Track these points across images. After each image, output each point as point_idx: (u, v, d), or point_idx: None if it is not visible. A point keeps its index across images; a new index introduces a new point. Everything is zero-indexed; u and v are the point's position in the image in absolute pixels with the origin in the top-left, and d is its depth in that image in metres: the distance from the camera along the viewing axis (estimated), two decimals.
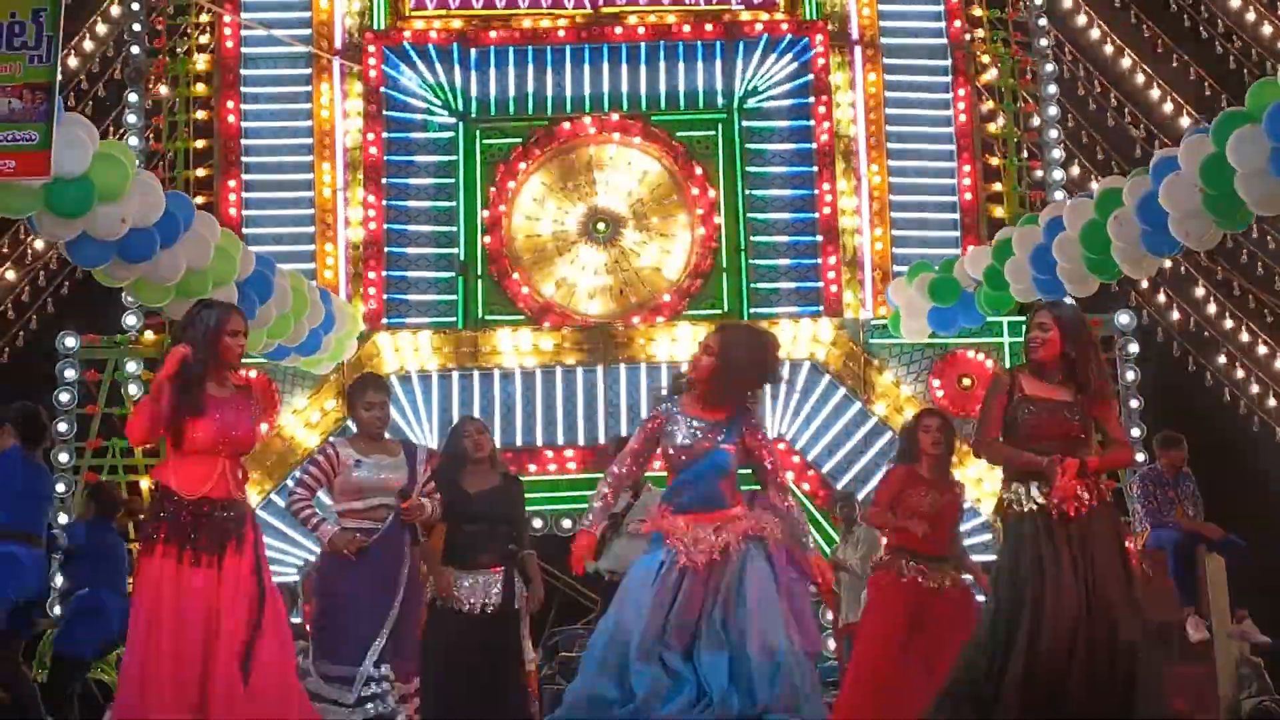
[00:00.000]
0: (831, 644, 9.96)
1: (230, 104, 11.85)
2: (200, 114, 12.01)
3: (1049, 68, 12.47)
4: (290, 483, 6.35)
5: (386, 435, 6.40)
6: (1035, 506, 5.31)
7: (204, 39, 12.11)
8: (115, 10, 12.43)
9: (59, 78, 5.76)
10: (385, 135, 11.81)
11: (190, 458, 5.37)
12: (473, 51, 11.88)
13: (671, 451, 5.24)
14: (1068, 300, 9.56)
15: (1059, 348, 5.43)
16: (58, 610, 9.01)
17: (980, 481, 11.05)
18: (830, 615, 9.99)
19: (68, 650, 8.04)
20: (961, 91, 12.10)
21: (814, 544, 5.44)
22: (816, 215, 11.75)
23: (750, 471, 5.34)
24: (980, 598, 6.81)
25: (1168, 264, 12.78)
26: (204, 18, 12.08)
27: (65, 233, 7.35)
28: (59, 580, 9.00)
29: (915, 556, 6.68)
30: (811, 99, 11.90)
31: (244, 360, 5.77)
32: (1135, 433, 11.28)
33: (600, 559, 7.77)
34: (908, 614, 6.64)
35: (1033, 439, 5.32)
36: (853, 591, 8.89)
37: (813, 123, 11.88)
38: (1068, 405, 5.37)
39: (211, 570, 5.33)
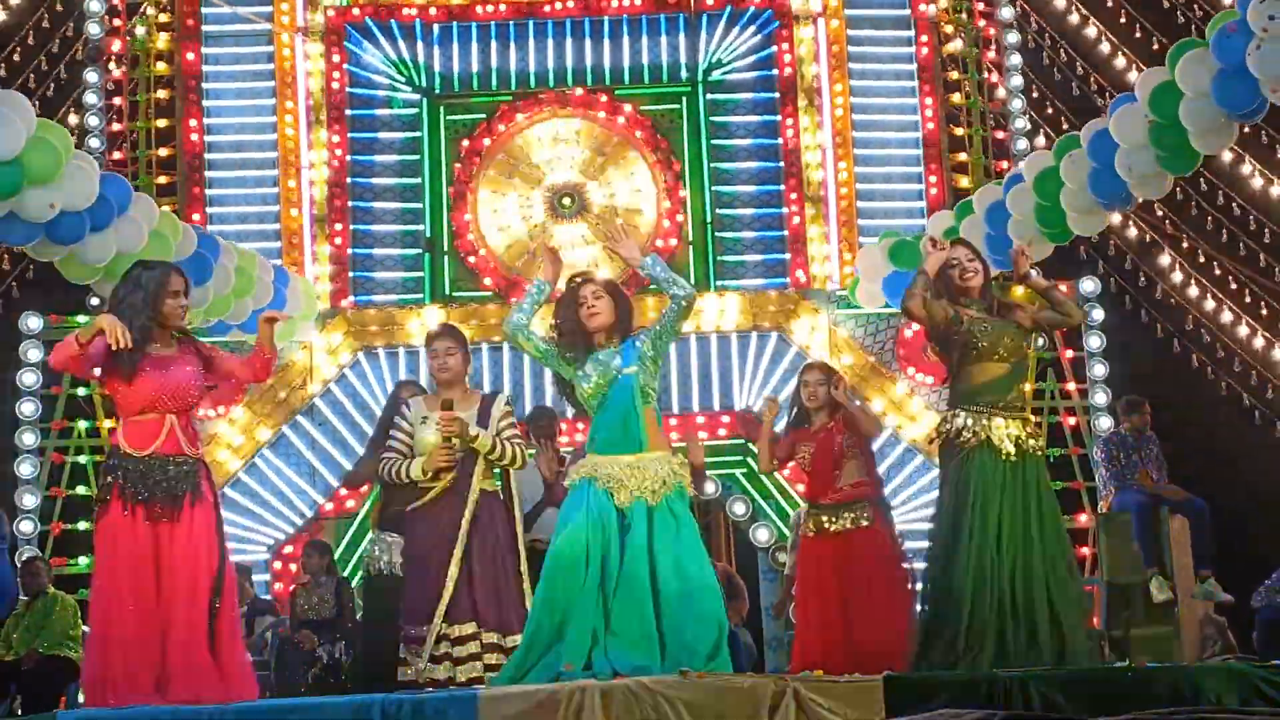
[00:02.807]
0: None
1: (191, 82, 11.76)
2: (161, 94, 11.93)
3: (1011, 38, 12.48)
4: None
5: (471, 387, 6.37)
6: (977, 441, 5.41)
7: (163, 17, 12.03)
8: None
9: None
10: (349, 112, 11.76)
11: (136, 417, 5.40)
12: (435, 27, 11.84)
13: None
14: None
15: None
16: None
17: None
18: None
19: None
20: (925, 51, 12.03)
21: None
22: (781, 187, 11.75)
23: None
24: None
25: (1133, 232, 12.85)
26: None
27: None
28: None
29: (817, 507, 6.84)
30: (775, 71, 11.89)
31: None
32: (1100, 398, 11.33)
33: None
34: (820, 567, 6.78)
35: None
36: None
37: (777, 94, 11.87)
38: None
39: (167, 524, 5.35)
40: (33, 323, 11.21)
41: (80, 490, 11.11)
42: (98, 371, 5.67)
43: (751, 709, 4.72)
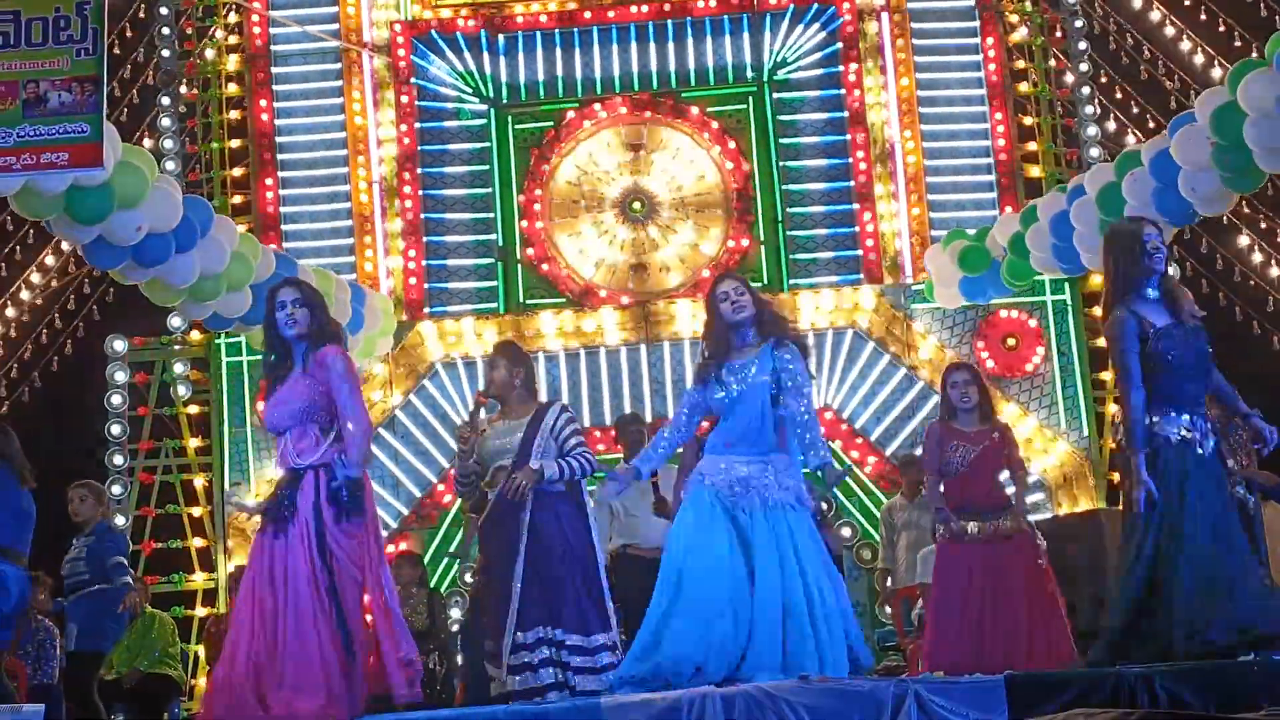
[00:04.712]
0: (889, 609, 9.95)
1: (263, 103, 11.91)
2: (234, 114, 12.09)
3: (1078, 24, 12.38)
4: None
5: (539, 398, 6.48)
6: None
7: (233, 39, 12.19)
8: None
9: (105, 69, 5.82)
10: (418, 125, 11.85)
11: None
12: (500, 37, 11.91)
13: None
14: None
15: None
16: None
17: (1030, 442, 11.01)
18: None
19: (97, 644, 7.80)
20: (992, 53, 12.02)
21: None
22: (852, 183, 11.72)
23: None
24: (1041, 542, 6.89)
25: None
26: (232, 17, 12.16)
27: (82, 237, 7.46)
28: None
29: (963, 513, 6.76)
30: (841, 67, 11.86)
31: None
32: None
33: None
34: (970, 574, 6.71)
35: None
36: (913, 554, 8.88)
37: (843, 91, 11.84)
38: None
39: (278, 540, 5.44)
40: (118, 345, 11.39)
41: (170, 509, 11.28)
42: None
43: (874, 711, 4.72)
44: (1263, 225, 12.43)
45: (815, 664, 5.31)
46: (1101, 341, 6.86)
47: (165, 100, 12.01)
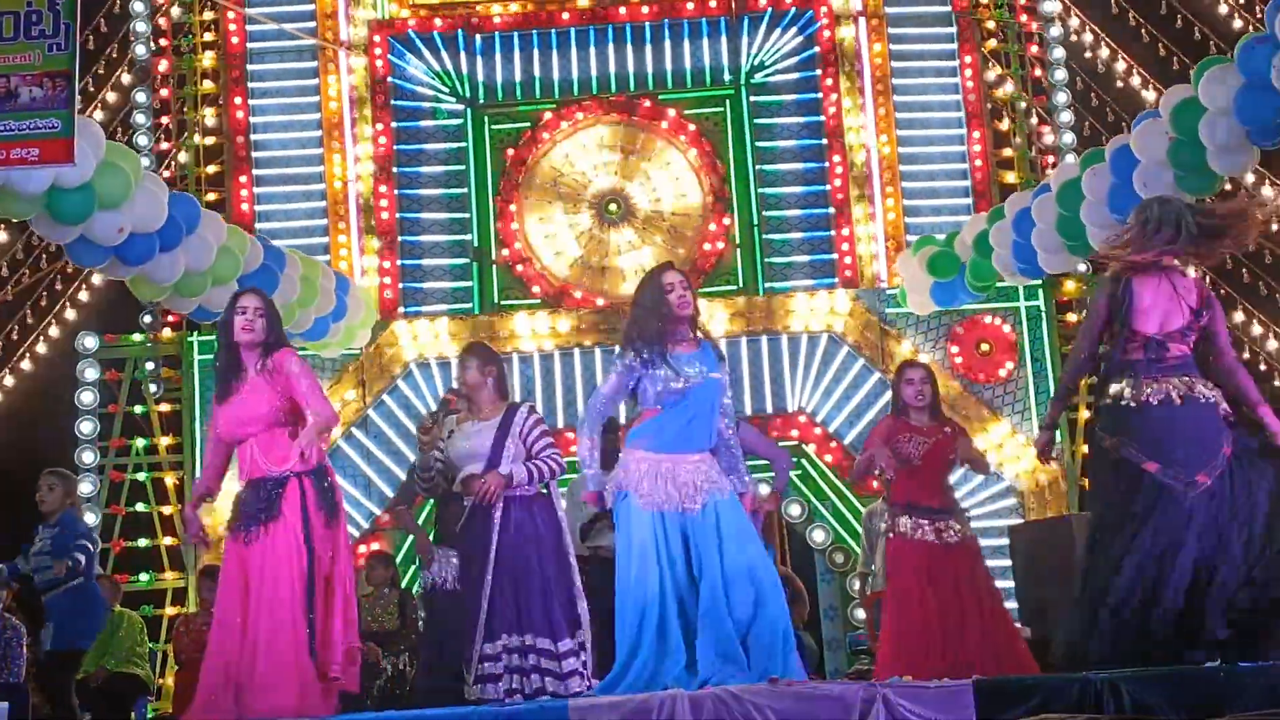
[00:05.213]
0: (860, 614, 9.97)
1: (238, 100, 11.86)
2: (209, 111, 12.04)
3: (1054, 31, 12.44)
4: None
5: (508, 399, 6.39)
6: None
7: (208, 36, 12.14)
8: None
9: (78, 65, 5.78)
10: (394, 125, 11.83)
11: (236, 446, 5.54)
12: (478, 37, 11.89)
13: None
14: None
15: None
16: None
17: (1001, 447, 11.05)
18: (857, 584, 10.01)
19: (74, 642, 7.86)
20: (968, 59, 12.06)
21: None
22: (828, 188, 11.74)
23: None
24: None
25: None
26: (208, 15, 12.11)
27: (62, 236, 7.40)
28: None
29: (915, 509, 6.74)
30: (818, 71, 11.89)
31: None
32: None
33: None
34: (920, 573, 6.71)
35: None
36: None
37: (820, 95, 11.86)
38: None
39: (254, 547, 5.43)
40: (89, 342, 11.33)
41: (140, 507, 11.22)
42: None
43: (842, 715, 4.72)
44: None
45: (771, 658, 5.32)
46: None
47: (140, 97, 11.94)
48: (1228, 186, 11.62)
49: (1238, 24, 12.68)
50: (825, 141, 11.76)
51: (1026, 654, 6.63)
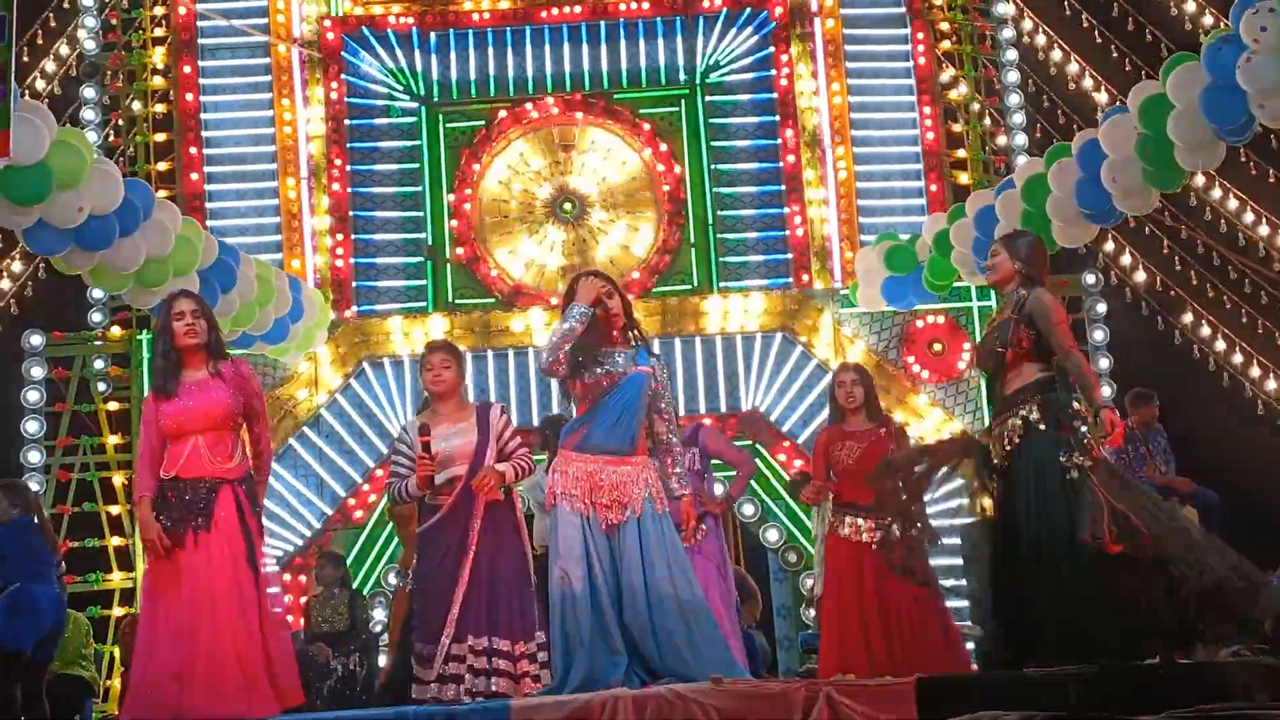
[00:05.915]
0: (812, 612, 9.99)
1: (189, 96, 11.75)
2: (159, 107, 11.92)
3: (1007, 33, 12.49)
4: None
5: (469, 399, 6.34)
6: None
7: (159, 31, 12.01)
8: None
9: (13, 58, 5.69)
10: (348, 122, 11.75)
11: (170, 441, 5.49)
12: (432, 35, 11.83)
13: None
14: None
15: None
16: None
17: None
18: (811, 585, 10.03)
19: (9, 642, 7.83)
20: (922, 60, 12.09)
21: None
22: (783, 188, 11.75)
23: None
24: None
25: (1131, 223, 12.85)
26: (158, 10, 11.98)
27: (22, 220, 7.30)
28: None
29: (853, 510, 6.80)
30: (773, 71, 11.89)
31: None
32: (1106, 391, 11.32)
33: None
34: (852, 570, 6.76)
35: None
36: None
37: (775, 95, 11.87)
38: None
39: (190, 549, 5.37)
40: (35, 340, 11.19)
41: (87, 507, 11.09)
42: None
43: (784, 714, 4.72)
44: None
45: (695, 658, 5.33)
46: None
47: (89, 93, 11.81)
48: (1200, 178, 11.88)
49: (1189, 27, 12.79)
50: (780, 141, 11.76)
51: (964, 651, 6.66)
